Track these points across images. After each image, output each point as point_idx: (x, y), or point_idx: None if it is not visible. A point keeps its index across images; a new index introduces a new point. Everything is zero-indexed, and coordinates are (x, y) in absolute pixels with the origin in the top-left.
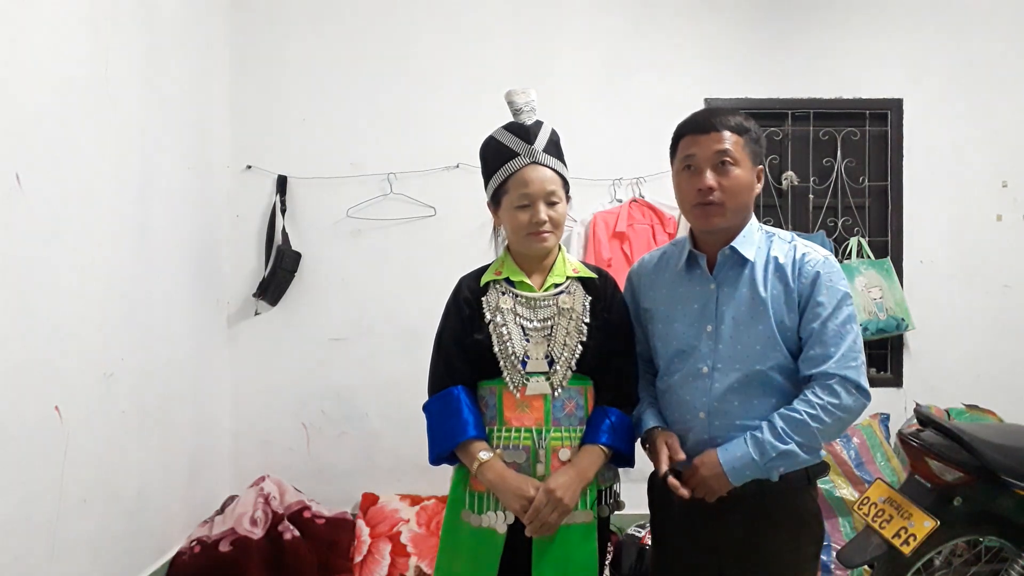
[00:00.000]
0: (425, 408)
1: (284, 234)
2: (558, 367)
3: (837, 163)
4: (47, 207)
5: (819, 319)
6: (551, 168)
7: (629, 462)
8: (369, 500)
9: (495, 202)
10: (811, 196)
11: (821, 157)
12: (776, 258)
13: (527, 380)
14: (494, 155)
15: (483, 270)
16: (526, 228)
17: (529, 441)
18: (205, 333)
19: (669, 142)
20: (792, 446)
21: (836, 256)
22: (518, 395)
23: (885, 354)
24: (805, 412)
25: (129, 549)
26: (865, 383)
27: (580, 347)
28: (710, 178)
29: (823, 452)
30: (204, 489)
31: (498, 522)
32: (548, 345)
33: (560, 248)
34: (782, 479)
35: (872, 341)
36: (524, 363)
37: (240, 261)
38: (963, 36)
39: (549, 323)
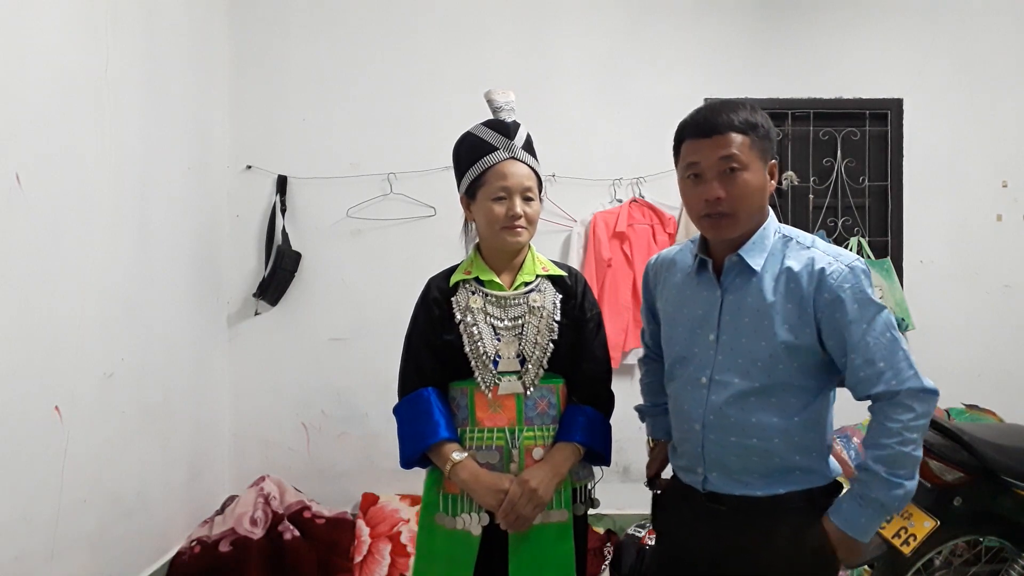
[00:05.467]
0: (395, 411)
1: (284, 234)
2: (530, 366)
3: (837, 163)
4: (47, 207)
5: (859, 334)
6: (529, 165)
7: (605, 461)
8: (369, 500)
9: (470, 195)
10: (811, 196)
11: (821, 157)
12: (790, 268)
13: (499, 380)
14: (472, 149)
15: (452, 270)
16: (501, 221)
17: (502, 441)
18: (205, 333)
19: (671, 142)
20: (909, 483)
21: None
22: (490, 395)
23: None
24: (895, 445)
25: (129, 549)
26: (928, 382)
27: (551, 345)
28: (717, 188)
29: (834, 465)
30: (204, 489)
31: (472, 524)
32: (519, 344)
33: (530, 247)
34: (776, 498)
35: None
36: (496, 363)
37: (240, 261)
38: (963, 36)
39: (520, 322)
